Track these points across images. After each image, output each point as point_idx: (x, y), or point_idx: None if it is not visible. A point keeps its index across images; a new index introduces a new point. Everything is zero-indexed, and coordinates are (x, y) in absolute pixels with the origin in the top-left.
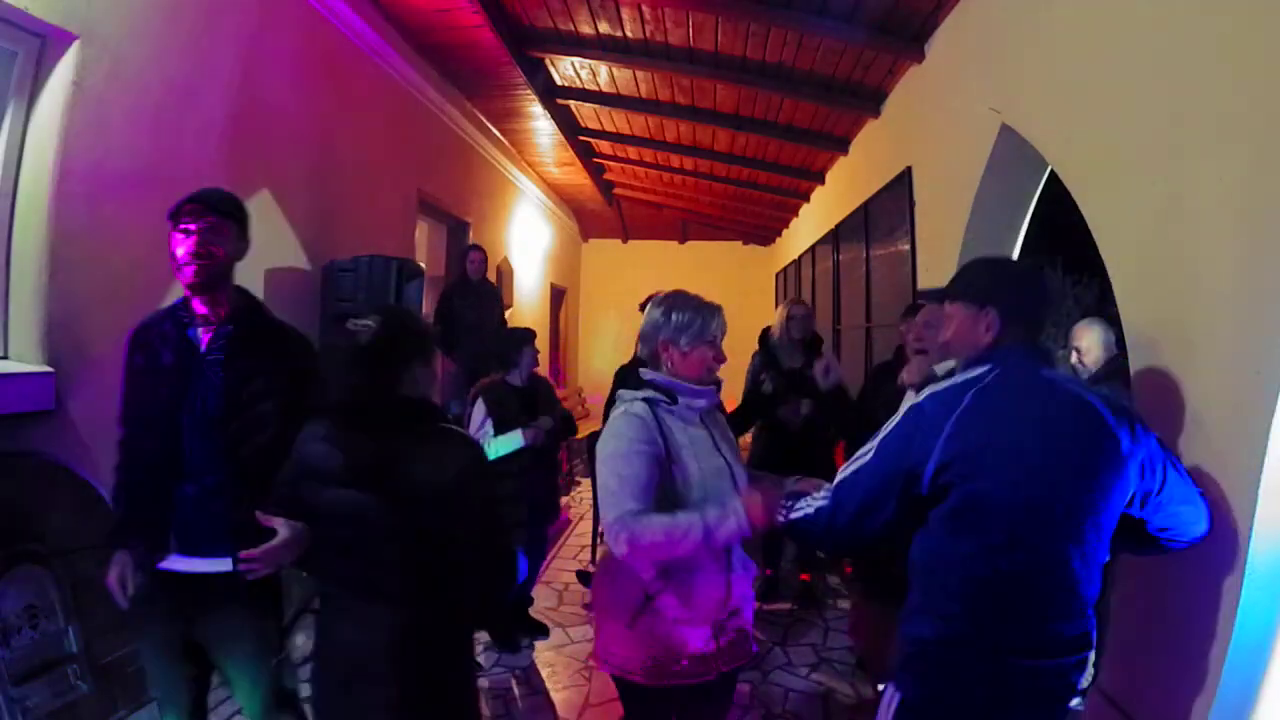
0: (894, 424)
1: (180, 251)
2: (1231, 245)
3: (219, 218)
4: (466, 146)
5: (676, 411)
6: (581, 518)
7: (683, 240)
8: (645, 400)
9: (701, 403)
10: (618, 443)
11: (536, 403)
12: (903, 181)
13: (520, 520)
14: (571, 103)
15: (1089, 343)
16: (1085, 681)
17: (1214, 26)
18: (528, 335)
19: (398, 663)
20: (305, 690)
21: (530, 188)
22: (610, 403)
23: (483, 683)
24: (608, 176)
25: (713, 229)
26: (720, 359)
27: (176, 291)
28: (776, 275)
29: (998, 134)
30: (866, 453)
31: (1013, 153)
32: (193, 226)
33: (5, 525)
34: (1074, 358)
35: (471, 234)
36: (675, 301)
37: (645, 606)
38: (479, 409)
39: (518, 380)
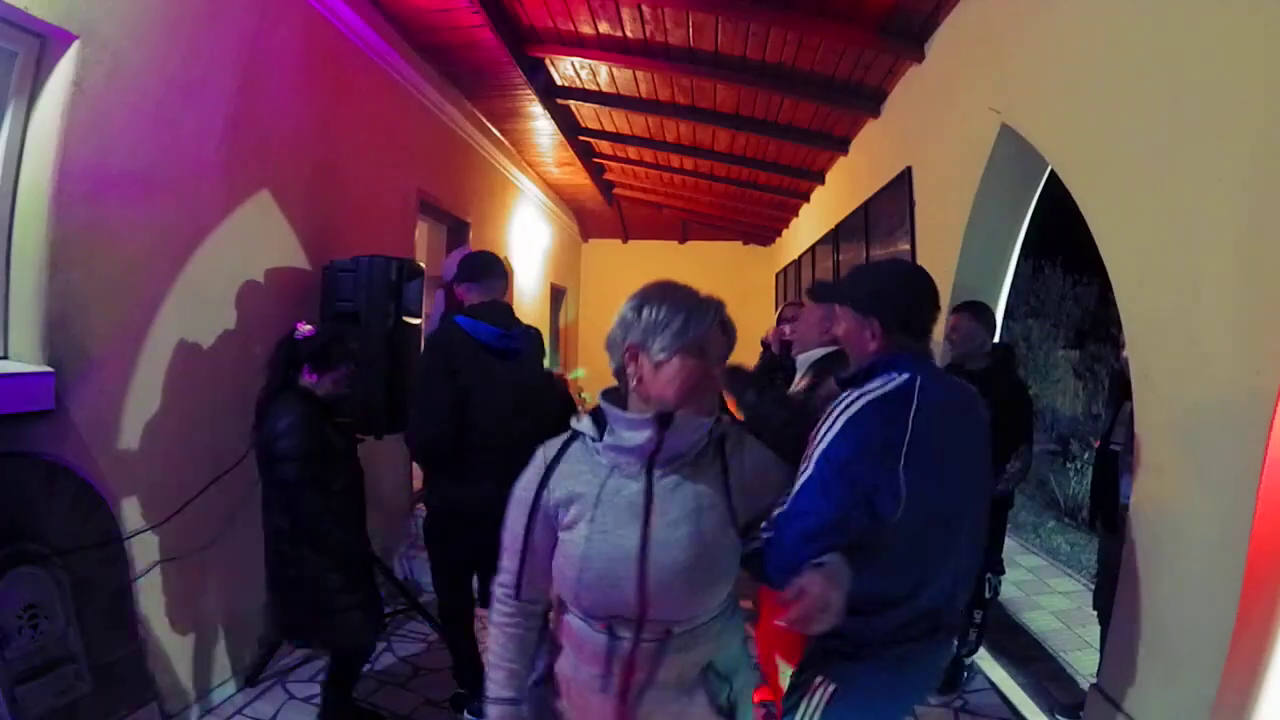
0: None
1: None
2: (1231, 245)
3: None
4: (466, 146)
5: (602, 452)
6: None
7: (683, 240)
8: (574, 431)
9: (639, 439)
10: (514, 497)
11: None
12: (903, 181)
13: None
14: (571, 103)
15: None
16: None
17: (1214, 26)
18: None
19: None
20: None
21: (530, 188)
22: None
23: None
24: (608, 176)
25: (713, 229)
26: (710, 377)
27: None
28: (777, 275)
29: (998, 134)
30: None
31: (1013, 153)
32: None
33: (5, 525)
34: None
35: (471, 234)
36: (653, 293)
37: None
38: None
39: None
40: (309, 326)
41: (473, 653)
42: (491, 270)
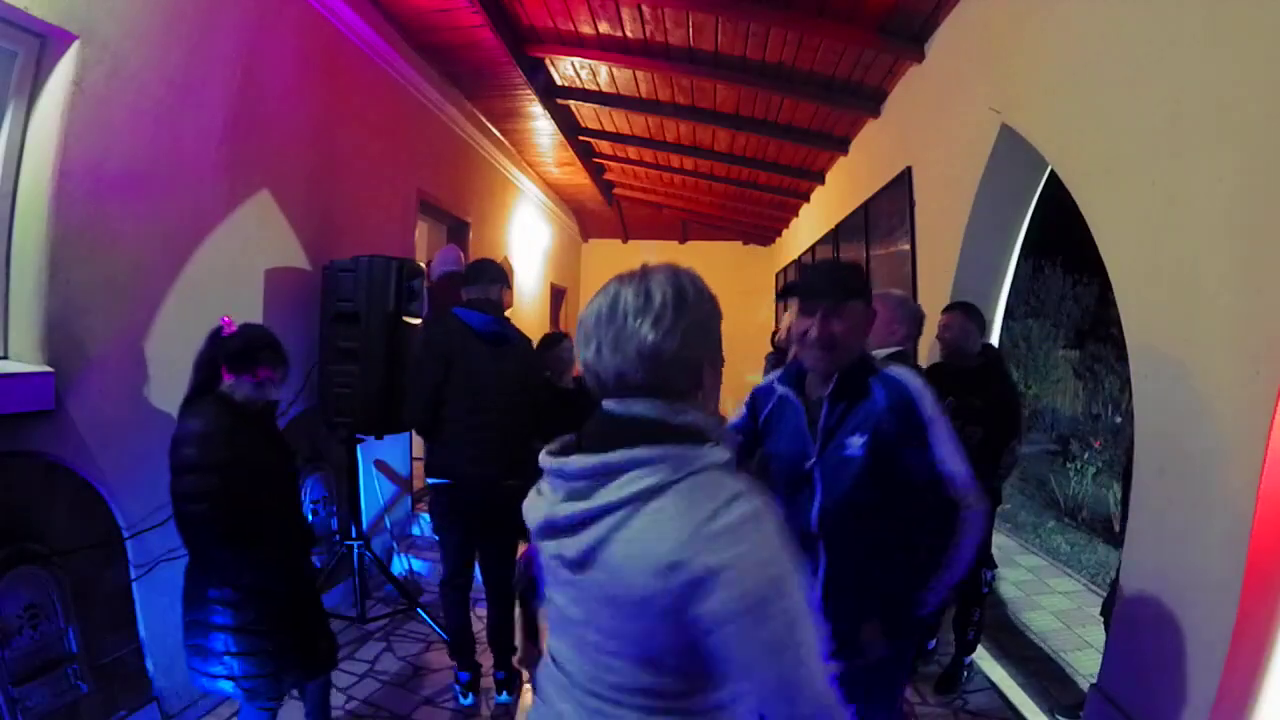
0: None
1: None
2: (1231, 245)
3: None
4: (466, 146)
5: None
6: None
7: (683, 240)
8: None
9: None
10: (785, 568)
11: (579, 407)
12: (903, 181)
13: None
14: (571, 103)
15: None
16: None
17: (1213, 27)
18: (549, 339)
19: None
20: None
21: (530, 188)
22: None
23: (485, 682)
24: (608, 176)
25: (713, 229)
26: None
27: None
28: (776, 275)
29: (998, 134)
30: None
31: (1013, 153)
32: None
33: (5, 525)
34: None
35: (471, 234)
36: (712, 298)
37: None
38: None
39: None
40: (235, 325)
41: (465, 624)
42: (485, 273)
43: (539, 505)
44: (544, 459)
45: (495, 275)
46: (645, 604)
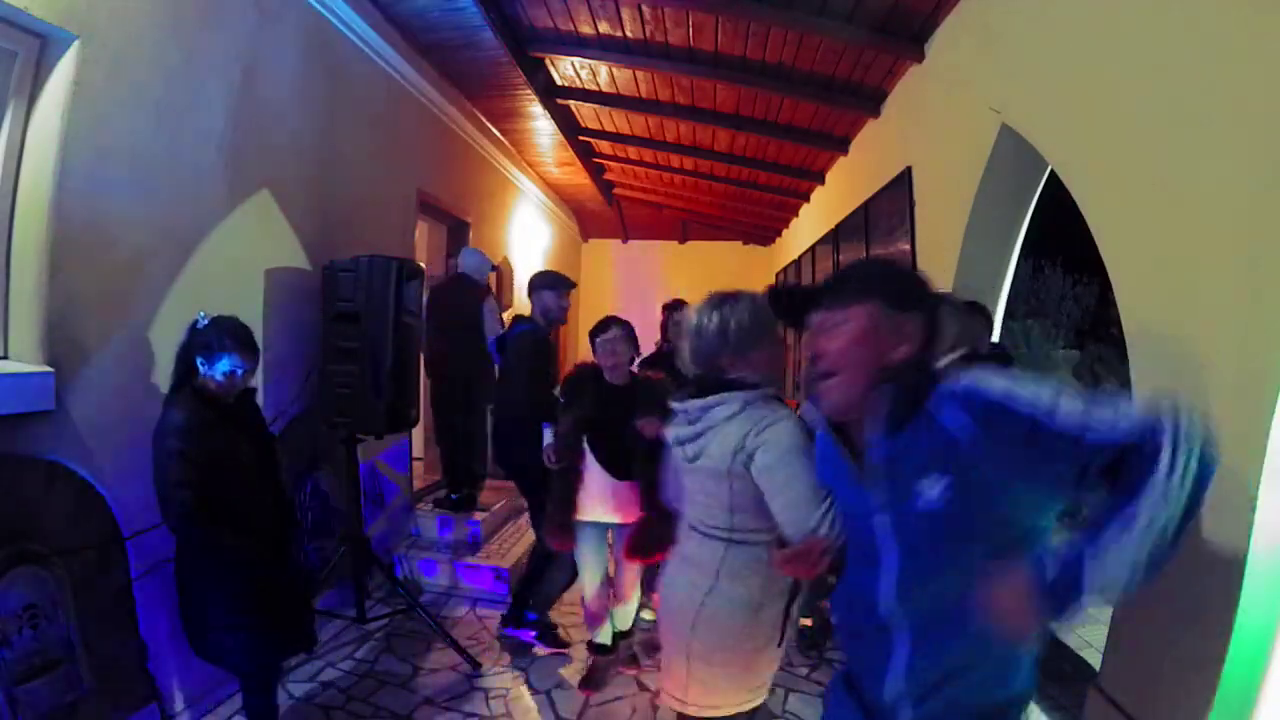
0: None
1: None
2: (1231, 245)
3: None
4: (466, 146)
5: None
6: None
7: (683, 240)
8: None
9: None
10: (795, 450)
11: (633, 404)
12: (903, 181)
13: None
14: (571, 103)
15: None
16: None
17: (1214, 26)
18: (600, 326)
19: None
20: None
21: (530, 188)
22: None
23: (485, 682)
24: (608, 176)
25: (713, 229)
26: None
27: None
28: (777, 275)
29: (998, 134)
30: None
31: (1013, 153)
32: None
33: (5, 525)
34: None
35: (471, 234)
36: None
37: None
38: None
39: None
40: (208, 318)
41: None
42: (531, 288)
43: (673, 431)
44: (673, 403)
45: (533, 286)
46: (726, 472)
